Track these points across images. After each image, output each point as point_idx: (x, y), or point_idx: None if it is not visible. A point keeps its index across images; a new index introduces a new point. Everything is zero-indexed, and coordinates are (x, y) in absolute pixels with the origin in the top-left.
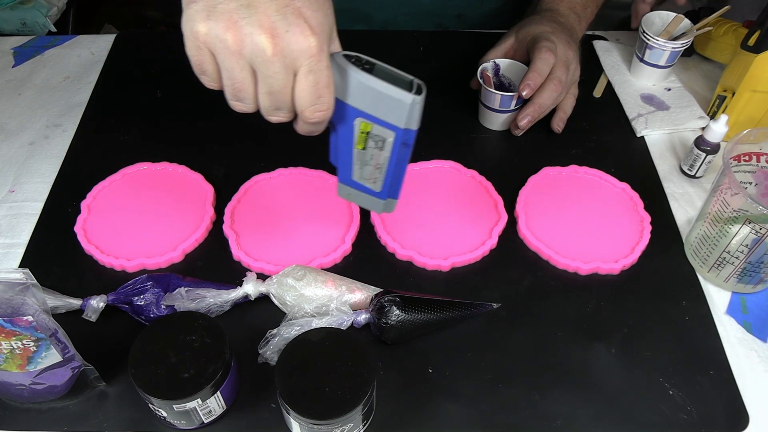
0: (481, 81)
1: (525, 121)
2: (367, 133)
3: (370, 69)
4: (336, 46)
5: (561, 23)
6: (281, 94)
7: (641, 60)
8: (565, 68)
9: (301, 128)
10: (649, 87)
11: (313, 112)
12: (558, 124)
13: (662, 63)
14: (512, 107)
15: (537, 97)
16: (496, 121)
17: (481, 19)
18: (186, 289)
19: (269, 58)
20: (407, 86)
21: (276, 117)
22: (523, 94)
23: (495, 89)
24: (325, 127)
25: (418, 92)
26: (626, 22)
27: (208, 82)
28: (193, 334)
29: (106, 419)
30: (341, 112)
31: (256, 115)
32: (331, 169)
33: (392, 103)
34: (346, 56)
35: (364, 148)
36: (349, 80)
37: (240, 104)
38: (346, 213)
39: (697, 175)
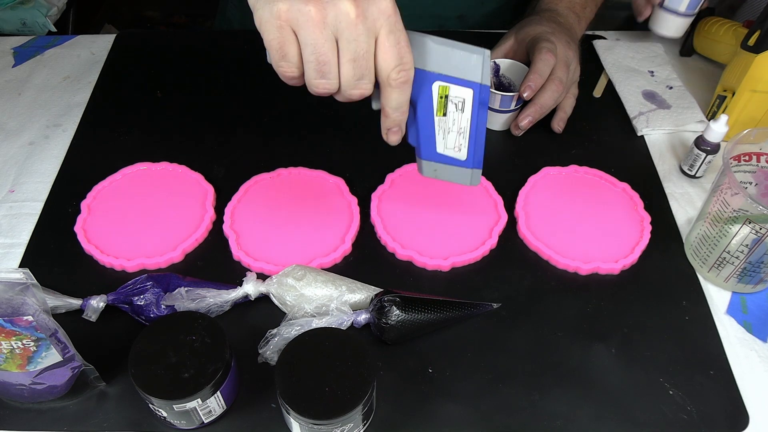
0: None
1: (526, 121)
2: (446, 96)
3: (429, 35)
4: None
5: (560, 23)
6: (365, 60)
7: (661, 6)
8: (566, 68)
9: (390, 103)
10: (650, 83)
11: (398, 72)
12: (558, 124)
13: (682, 10)
14: (512, 107)
15: (538, 97)
16: (496, 121)
17: (482, 19)
18: (186, 289)
19: (353, 21)
20: (474, 48)
21: (359, 89)
22: (525, 95)
23: (495, 89)
24: (408, 95)
25: (486, 51)
26: (626, 22)
27: (288, 68)
28: (193, 334)
29: (106, 419)
30: (418, 79)
31: (257, 115)
32: (332, 169)
33: (466, 59)
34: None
35: (445, 114)
36: (421, 45)
37: (324, 81)
38: (346, 213)
39: (697, 175)
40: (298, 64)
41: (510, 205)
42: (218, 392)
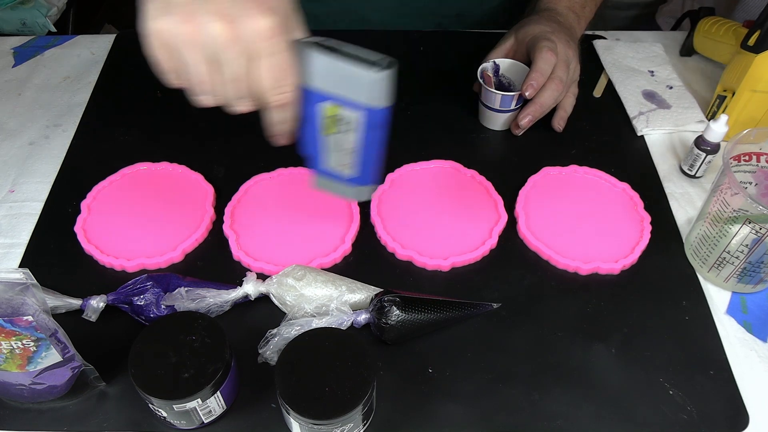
0: (481, 81)
1: (526, 120)
2: (336, 115)
3: (335, 50)
4: (300, 34)
5: (560, 22)
6: (243, 81)
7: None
8: (566, 67)
9: (271, 118)
10: (650, 83)
11: (275, 94)
12: (559, 123)
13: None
14: (512, 107)
15: (538, 96)
16: (496, 121)
17: (481, 18)
18: (186, 289)
19: (226, 44)
20: (373, 64)
21: (240, 106)
22: (527, 94)
23: (495, 89)
24: (294, 115)
25: (385, 69)
26: (626, 21)
27: (172, 79)
28: (193, 334)
29: (106, 419)
30: (308, 97)
31: (257, 115)
32: None
33: (356, 81)
34: (309, 41)
35: (334, 133)
36: (312, 62)
37: (204, 97)
38: (346, 213)
39: (697, 175)
40: (180, 76)
41: (510, 205)
42: (218, 392)
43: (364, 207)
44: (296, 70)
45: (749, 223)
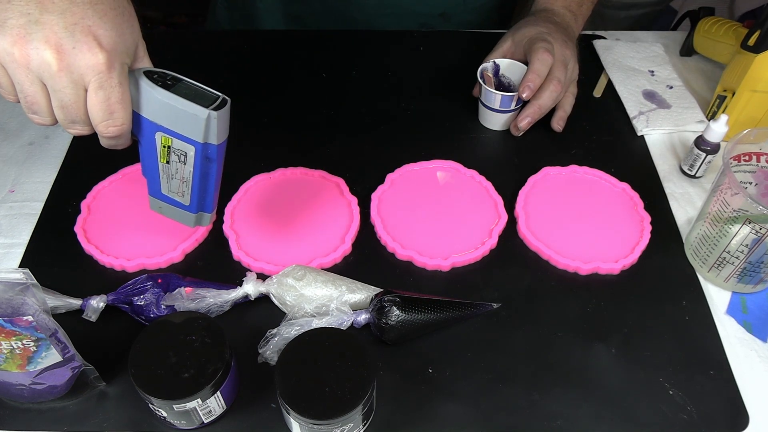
0: (481, 81)
1: (525, 122)
2: (169, 146)
3: (171, 85)
4: (144, 63)
5: (557, 23)
6: (73, 109)
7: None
8: (564, 68)
9: (102, 142)
10: (650, 83)
11: (106, 127)
12: (558, 123)
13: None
14: (512, 107)
15: (537, 98)
16: (496, 122)
17: (466, 16)
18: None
19: (55, 73)
20: (207, 101)
21: (73, 130)
22: (523, 96)
23: (495, 89)
24: (126, 141)
25: (218, 107)
26: (626, 21)
27: (6, 94)
28: (193, 334)
29: (106, 419)
30: (142, 126)
31: (257, 115)
32: (332, 169)
33: (187, 118)
34: (149, 72)
35: (168, 162)
36: (145, 95)
37: (36, 116)
38: (346, 213)
39: (697, 175)
40: (13, 92)
41: (510, 205)
42: (218, 392)
43: (364, 207)
44: (128, 102)
45: (749, 223)
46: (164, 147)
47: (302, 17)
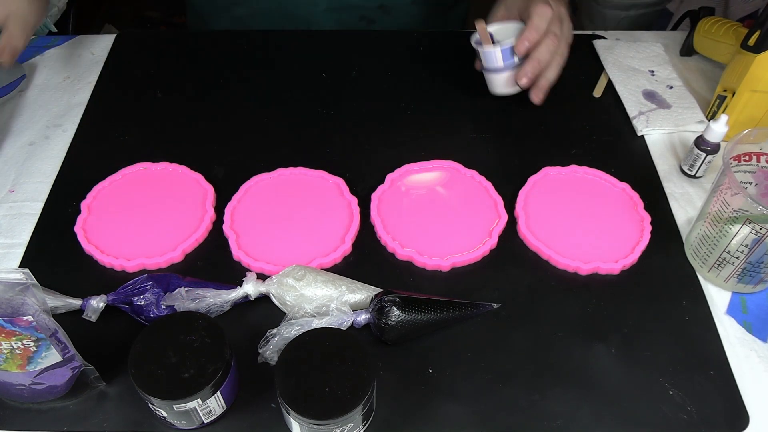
0: (476, 46)
1: (525, 80)
2: None
3: None
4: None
5: None
6: None
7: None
8: (560, 23)
9: None
10: (650, 83)
11: None
12: (537, 95)
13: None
14: (515, 60)
15: (534, 52)
16: (504, 83)
17: (407, 9)
18: (186, 289)
19: None
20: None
21: None
22: (520, 50)
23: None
24: None
25: None
26: (626, 21)
27: None
28: (193, 334)
29: (106, 419)
30: None
31: (257, 115)
32: (332, 169)
33: None
34: None
35: None
36: None
37: None
38: (346, 213)
39: (697, 175)
40: None
41: (510, 205)
42: (218, 392)
43: (364, 207)
44: None
45: (749, 223)
46: None
47: (243, 19)
